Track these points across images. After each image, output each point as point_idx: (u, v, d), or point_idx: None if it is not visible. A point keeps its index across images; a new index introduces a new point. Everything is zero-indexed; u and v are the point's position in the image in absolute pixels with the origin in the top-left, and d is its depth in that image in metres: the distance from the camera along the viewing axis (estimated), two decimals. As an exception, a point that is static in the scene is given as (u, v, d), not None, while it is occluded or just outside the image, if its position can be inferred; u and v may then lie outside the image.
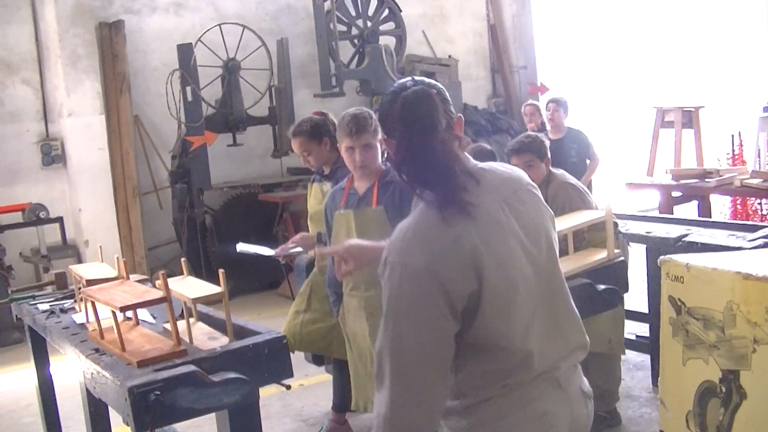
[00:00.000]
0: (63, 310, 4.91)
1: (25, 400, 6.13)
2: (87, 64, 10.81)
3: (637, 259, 6.39)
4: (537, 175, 5.55)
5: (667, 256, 2.28)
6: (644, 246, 6.26)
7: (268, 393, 3.82)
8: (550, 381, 2.65)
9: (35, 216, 10.16)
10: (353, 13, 13.05)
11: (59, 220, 10.38)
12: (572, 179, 5.67)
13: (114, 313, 3.71)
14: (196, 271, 11.02)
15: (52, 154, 11.08)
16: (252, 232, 10.88)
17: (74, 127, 10.85)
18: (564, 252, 4.93)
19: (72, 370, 4.09)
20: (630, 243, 6.09)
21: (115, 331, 3.70)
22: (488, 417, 2.58)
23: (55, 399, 5.53)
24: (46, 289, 5.78)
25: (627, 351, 5.97)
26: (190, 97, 10.96)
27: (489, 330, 2.51)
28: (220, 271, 3.84)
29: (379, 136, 4.61)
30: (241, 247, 5.98)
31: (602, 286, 4.49)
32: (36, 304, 5.20)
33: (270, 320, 4.27)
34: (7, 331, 9.28)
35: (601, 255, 4.88)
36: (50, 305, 5.08)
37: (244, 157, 12.29)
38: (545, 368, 2.62)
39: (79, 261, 10.39)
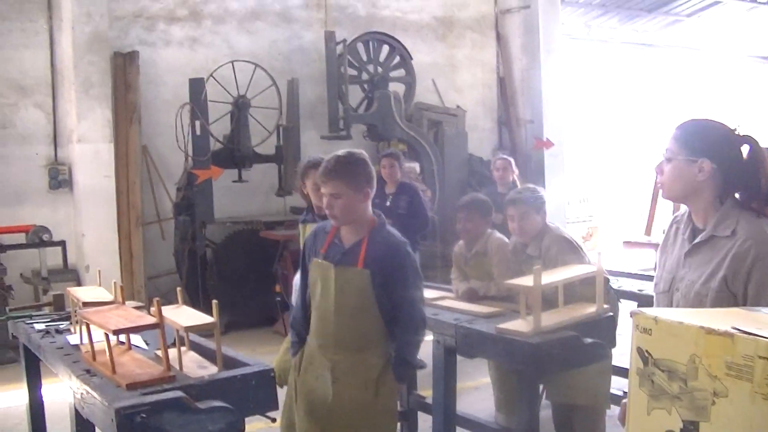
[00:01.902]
0: (58, 331, 4.99)
1: (14, 419, 6.19)
2: (99, 91, 10.94)
3: (627, 315, 6.43)
4: (531, 226, 5.67)
5: (639, 308, 2.37)
6: (635, 303, 6.32)
7: (255, 427, 3.89)
8: None
9: (38, 238, 10.28)
10: (364, 58, 13.23)
11: (62, 243, 10.48)
12: (566, 233, 5.76)
13: (107, 335, 3.79)
14: (194, 304, 11.01)
15: (60, 178, 11.22)
16: (252, 268, 10.96)
17: (83, 153, 10.97)
18: (553, 304, 5.02)
19: (63, 392, 4.15)
20: (621, 299, 6.18)
21: (107, 353, 3.78)
22: None
23: (44, 420, 5.58)
24: (43, 309, 5.83)
25: (612, 406, 6.01)
26: (198, 131, 11.08)
27: None
28: (214, 302, 3.93)
29: (364, 187, 4.29)
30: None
31: (589, 340, 4.57)
32: (32, 323, 5.28)
33: (264, 356, 4.31)
34: (2, 350, 9.31)
35: (590, 309, 4.97)
36: (46, 325, 5.17)
37: (248, 194, 12.40)
38: None
39: (79, 285, 10.44)
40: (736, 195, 3.22)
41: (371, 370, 4.34)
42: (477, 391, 7.47)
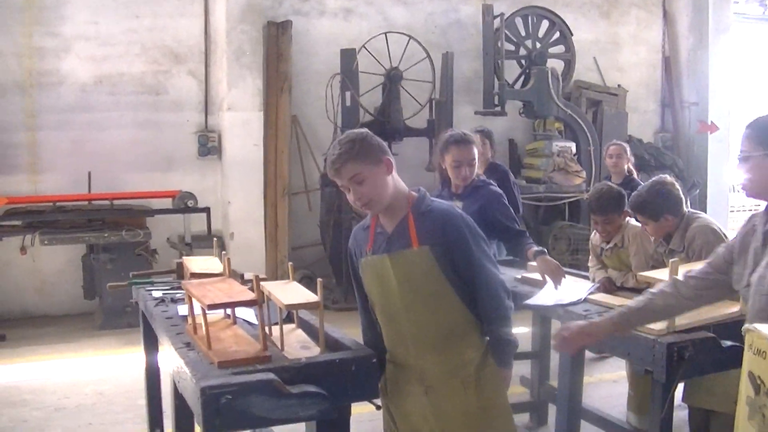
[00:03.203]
0: (173, 300, 4.90)
1: (143, 382, 6.21)
2: (251, 60, 10.98)
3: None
4: (654, 231, 5.23)
5: (753, 324, 2.00)
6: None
7: (364, 410, 3.70)
8: None
9: (184, 204, 10.35)
10: (522, 33, 12.83)
11: (206, 210, 10.51)
12: (714, 223, 5.28)
13: (203, 309, 3.64)
14: (337, 276, 11.04)
15: (209, 145, 11.29)
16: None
17: (233, 121, 11.05)
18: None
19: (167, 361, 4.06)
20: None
21: (203, 329, 3.64)
22: None
23: (160, 386, 5.54)
24: (171, 276, 5.76)
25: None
26: (348, 102, 10.99)
27: None
28: (318, 280, 3.73)
29: (381, 156, 3.72)
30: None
31: (728, 343, 4.15)
32: (152, 290, 5.22)
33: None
34: (133, 314, 9.36)
35: (732, 309, 4.53)
36: (163, 293, 5.09)
37: (398, 168, 11.99)
38: None
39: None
40: None
41: (467, 366, 3.74)
42: (615, 384, 7.10)
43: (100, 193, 10.42)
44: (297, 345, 3.82)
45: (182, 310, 4.50)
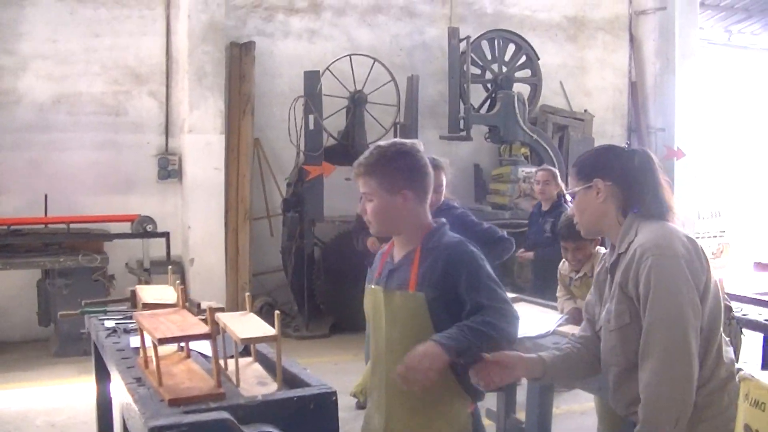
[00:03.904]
0: (126, 331, 4.67)
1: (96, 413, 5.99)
2: (213, 81, 10.78)
3: (752, 348, 5.85)
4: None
5: (749, 372, 1.81)
6: (761, 335, 5.70)
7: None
8: None
9: (143, 228, 10.11)
10: (489, 57, 12.75)
11: (165, 235, 10.26)
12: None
13: (154, 343, 3.43)
14: (299, 303, 10.84)
15: (169, 168, 11.08)
16: (360, 269, 10.56)
17: (194, 143, 10.83)
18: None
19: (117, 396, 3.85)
20: (744, 330, 5.55)
21: (154, 363, 3.42)
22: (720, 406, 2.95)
23: (112, 418, 5.30)
24: (126, 304, 5.53)
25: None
26: (311, 126, 10.79)
27: (714, 315, 3.03)
28: (276, 312, 3.53)
29: (400, 188, 3.33)
30: None
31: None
32: (104, 319, 4.99)
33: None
34: (87, 341, 9.12)
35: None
36: (116, 323, 4.86)
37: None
38: None
39: (183, 278, 10.25)
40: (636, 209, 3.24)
41: None
42: (583, 416, 6.94)
43: (56, 217, 10.11)
44: (253, 380, 3.61)
45: (134, 341, 4.29)
